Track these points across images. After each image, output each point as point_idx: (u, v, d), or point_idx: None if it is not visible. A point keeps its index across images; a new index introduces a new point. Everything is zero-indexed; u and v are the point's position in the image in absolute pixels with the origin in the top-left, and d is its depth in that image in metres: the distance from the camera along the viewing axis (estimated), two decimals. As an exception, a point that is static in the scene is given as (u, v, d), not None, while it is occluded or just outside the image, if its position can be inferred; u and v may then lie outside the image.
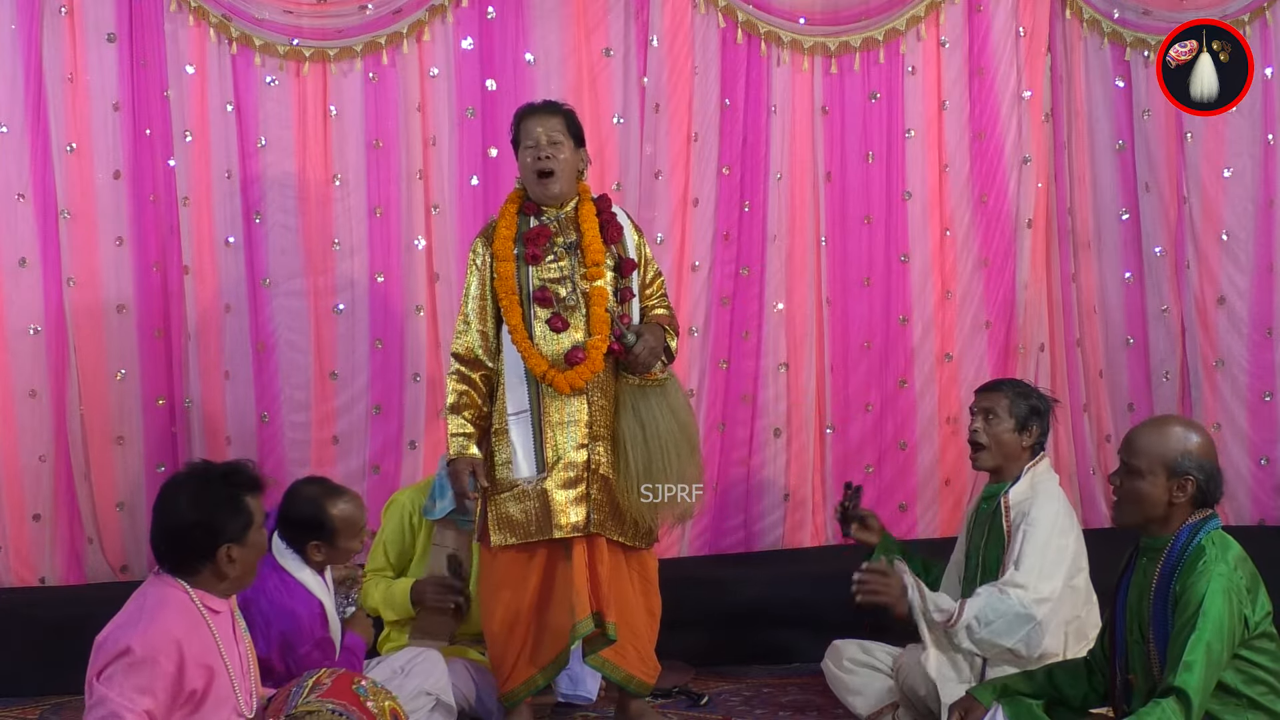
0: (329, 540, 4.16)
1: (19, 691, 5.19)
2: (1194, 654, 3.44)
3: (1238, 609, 3.51)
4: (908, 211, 6.26)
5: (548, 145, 4.51)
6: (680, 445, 4.52)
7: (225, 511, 3.36)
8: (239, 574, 3.41)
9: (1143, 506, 3.66)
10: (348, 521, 4.18)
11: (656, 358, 4.52)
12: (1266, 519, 6.33)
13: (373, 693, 3.54)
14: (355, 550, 4.25)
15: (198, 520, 3.35)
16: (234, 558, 3.37)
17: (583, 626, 4.45)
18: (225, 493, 3.38)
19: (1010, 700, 3.95)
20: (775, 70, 6.13)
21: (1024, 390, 4.60)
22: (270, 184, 5.84)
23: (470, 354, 4.55)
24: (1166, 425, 3.75)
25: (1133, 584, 3.74)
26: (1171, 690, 3.43)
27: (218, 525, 3.35)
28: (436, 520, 4.82)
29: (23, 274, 5.69)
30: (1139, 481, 3.65)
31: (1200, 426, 3.87)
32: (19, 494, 5.70)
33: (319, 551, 4.16)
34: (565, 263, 4.54)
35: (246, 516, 3.38)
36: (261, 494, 3.47)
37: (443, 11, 5.88)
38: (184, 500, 3.38)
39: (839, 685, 4.65)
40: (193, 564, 3.36)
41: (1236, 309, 6.32)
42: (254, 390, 5.85)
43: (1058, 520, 4.36)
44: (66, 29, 5.65)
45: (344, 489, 4.32)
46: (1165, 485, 3.62)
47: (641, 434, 4.48)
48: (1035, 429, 4.51)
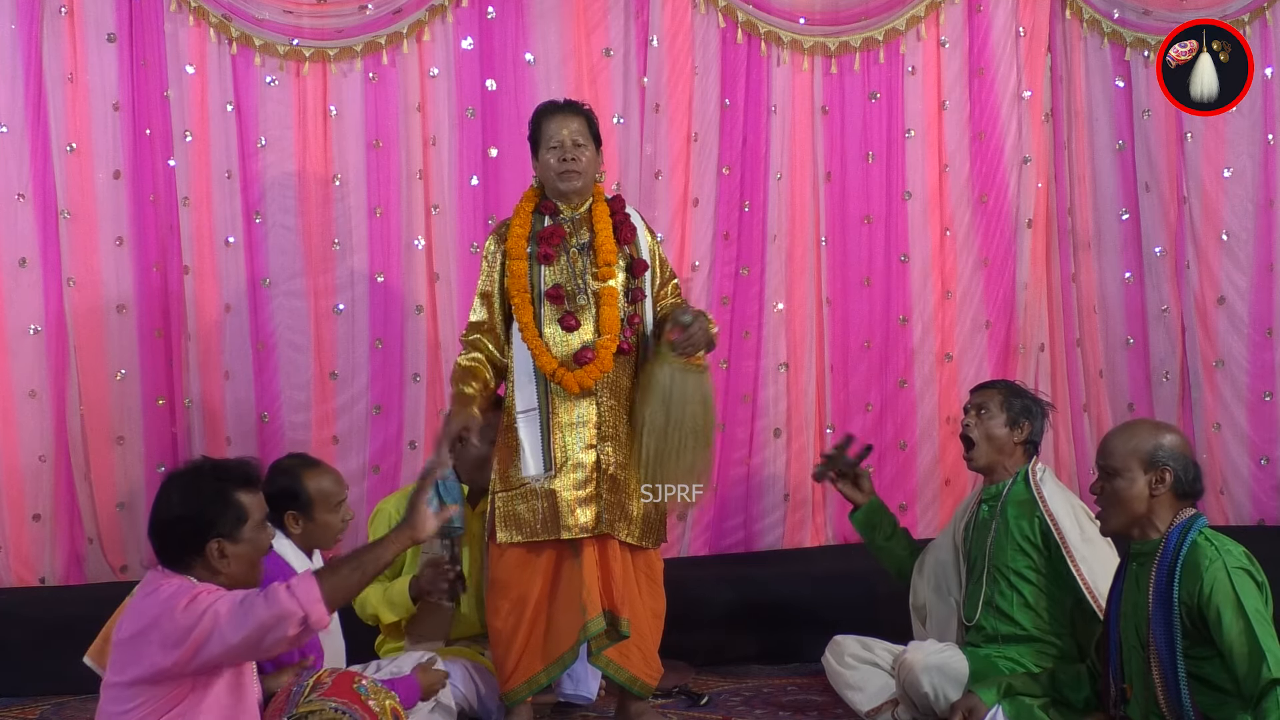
0: (305, 512, 4.17)
1: (19, 691, 5.18)
2: (1267, 643, 3.47)
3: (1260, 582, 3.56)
4: (908, 211, 6.26)
5: (572, 147, 4.53)
6: (700, 438, 4.51)
7: (214, 506, 3.36)
8: (235, 571, 3.39)
9: (1126, 506, 3.68)
10: (323, 493, 4.20)
11: (706, 339, 4.52)
12: (1266, 519, 6.33)
13: (373, 691, 3.55)
14: (335, 529, 4.25)
15: (185, 514, 3.36)
16: (226, 554, 3.36)
17: (594, 625, 4.45)
18: (214, 487, 3.38)
19: (1012, 700, 3.96)
20: (775, 70, 6.13)
21: (1018, 390, 4.68)
22: (270, 184, 5.83)
23: (490, 327, 4.59)
24: (1135, 424, 3.87)
25: (1125, 592, 3.74)
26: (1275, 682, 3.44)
27: (206, 519, 3.35)
28: None
29: (23, 274, 5.69)
30: (1117, 481, 3.67)
31: (1173, 426, 3.92)
32: (19, 494, 5.70)
33: (296, 523, 4.17)
34: (578, 263, 4.55)
35: (238, 512, 3.37)
36: (259, 492, 3.46)
37: (443, 11, 5.88)
38: (175, 494, 3.40)
39: (839, 681, 4.65)
40: (184, 559, 3.36)
41: (1236, 309, 6.32)
42: (254, 390, 5.85)
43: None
44: (66, 29, 5.65)
45: (323, 463, 4.37)
46: (1143, 480, 3.65)
47: (665, 420, 4.44)
48: (1027, 425, 4.58)
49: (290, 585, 3.27)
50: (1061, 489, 4.59)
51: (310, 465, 4.30)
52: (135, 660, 3.28)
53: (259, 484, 3.48)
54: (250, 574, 3.44)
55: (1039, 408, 4.65)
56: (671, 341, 4.48)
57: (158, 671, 3.26)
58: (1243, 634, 3.49)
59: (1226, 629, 3.50)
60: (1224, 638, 3.50)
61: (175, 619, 3.23)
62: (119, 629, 3.38)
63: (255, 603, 3.25)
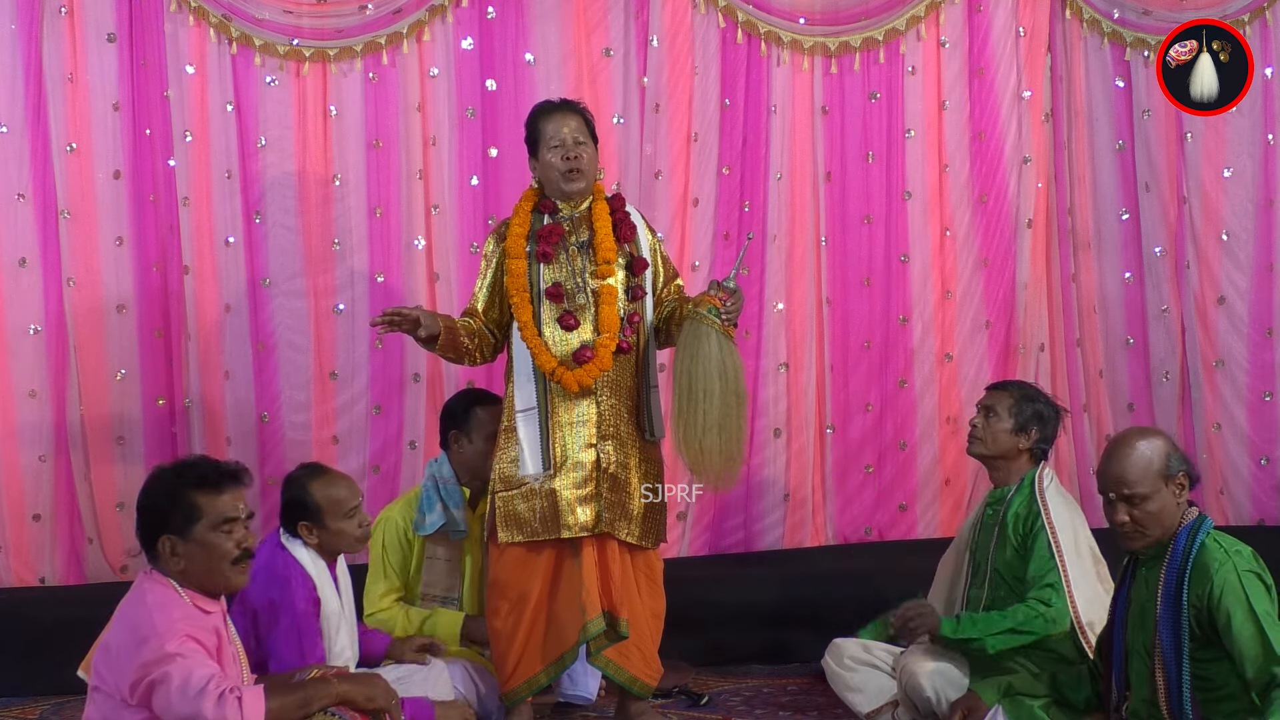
0: (317, 520, 4.17)
1: (19, 691, 5.18)
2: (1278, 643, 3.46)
3: (1268, 584, 3.55)
4: (908, 211, 6.26)
5: (574, 145, 4.54)
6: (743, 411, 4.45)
7: (165, 503, 3.39)
8: (190, 568, 3.39)
9: (1161, 523, 3.65)
10: (332, 500, 4.19)
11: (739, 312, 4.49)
12: (1266, 519, 6.33)
13: (369, 694, 3.55)
14: (353, 535, 4.24)
15: (141, 507, 3.43)
16: (178, 551, 3.37)
17: (594, 625, 4.45)
18: (168, 485, 3.42)
19: (1012, 700, 3.95)
20: (775, 70, 6.13)
21: (1031, 394, 4.59)
22: (270, 184, 5.83)
23: (484, 311, 4.60)
24: (1133, 445, 3.70)
25: (1133, 597, 3.73)
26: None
27: (158, 516, 3.39)
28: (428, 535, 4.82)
29: (23, 274, 5.69)
30: (1148, 505, 3.63)
31: (1152, 428, 3.91)
32: (19, 494, 5.70)
33: (310, 533, 4.18)
34: (578, 261, 4.55)
35: (188, 511, 3.38)
36: (227, 494, 3.44)
37: (443, 11, 5.88)
38: (144, 487, 3.47)
39: (839, 683, 4.64)
40: (148, 550, 3.42)
41: (1236, 309, 6.32)
42: (254, 390, 5.85)
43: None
44: (66, 29, 5.65)
45: (333, 471, 4.36)
46: (1168, 494, 3.64)
47: (721, 388, 4.37)
48: (1035, 432, 4.50)
49: (242, 697, 3.26)
50: (1066, 499, 4.50)
51: (318, 474, 4.28)
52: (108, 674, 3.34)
53: (228, 486, 3.45)
54: (210, 577, 3.42)
55: (1052, 412, 4.56)
56: (716, 306, 4.41)
57: (122, 691, 3.30)
58: (1254, 637, 3.48)
59: (1237, 631, 3.49)
60: (1234, 640, 3.50)
61: (140, 650, 3.26)
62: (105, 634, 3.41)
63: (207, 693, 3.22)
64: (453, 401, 5.04)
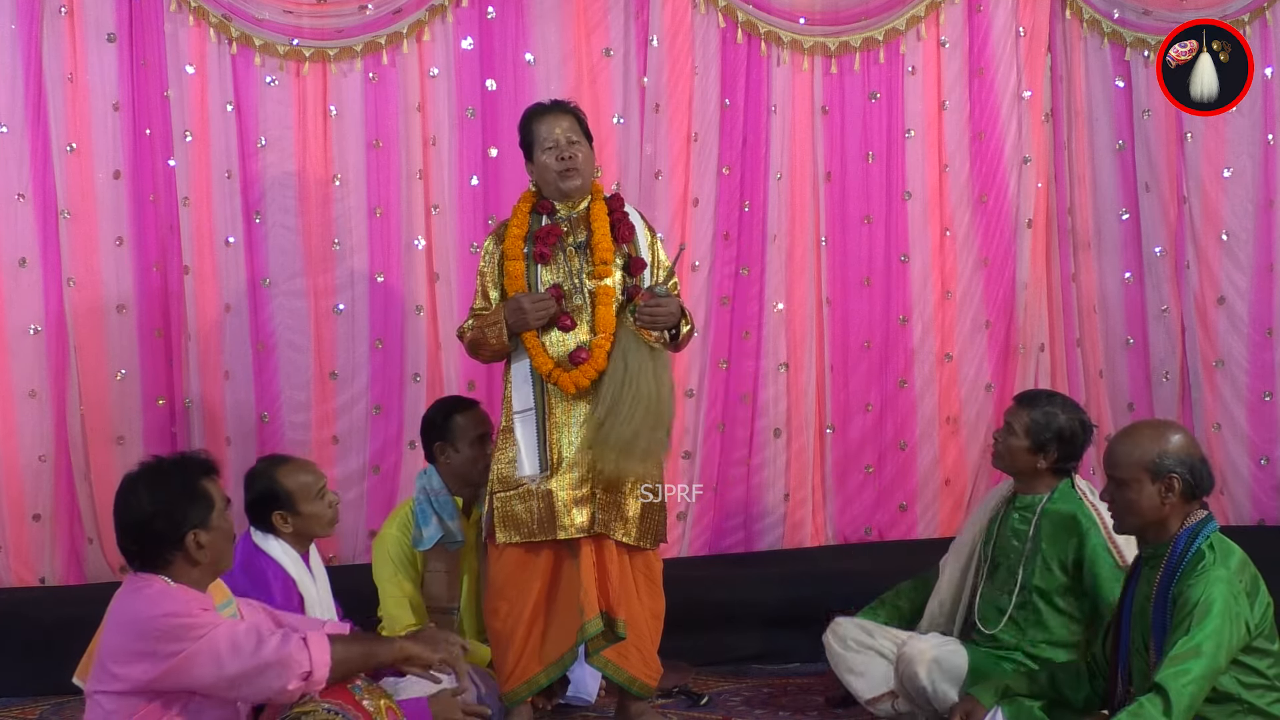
0: (289, 508, 4.17)
1: (19, 691, 5.18)
2: (1184, 649, 3.42)
3: (1237, 612, 3.48)
4: (908, 211, 6.26)
5: (568, 145, 4.53)
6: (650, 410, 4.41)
7: (184, 498, 3.37)
8: (211, 559, 3.40)
9: (1139, 514, 3.65)
10: (301, 485, 4.19)
11: (669, 318, 4.47)
12: (1266, 519, 6.33)
13: (368, 691, 3.53)
14: (326, 516, 4.23)
15: (158, 510, 3.35)
16: (202, 543, 3.37)
17: (591, 626, 4.44)
18: (180, 479, 3.40)
19: (1011, 701, 3.95)
20: (775, 70, 6.13)
21: (1053, 412, 4.40)
22: (270, 184, 5.84)
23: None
24: (1139, 430, 3.73)
25: (1137, 594, 3.73)
26: (1154, 687, 3.41)
27: (180, 513, 3.36)
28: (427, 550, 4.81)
29: (23, 274, 5.69)
30: (1126, 492, 3.64)
31: (1176, 424, 3.87)
32: (19, 494, 5.70)
33: (285, 522, 4.18)
34: (575, 262, 4.54)
35: (206, 500, 3.39)
36: (217, 477, 3.47)
37: (443, 11, 5.89)
38: (143, 494, 3.39)
39: (840, 663, 4.55)
40: (163, 555, 3.36)
41: (1236, 309, 6.32)
42: (254, 390, 5.85)
43: None
44: (66, 29, 5.65)
45: (294, 457, 4.39)
46: (1152, 489, 3.62)
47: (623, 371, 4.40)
48: (1054, 452, 4.37)
49: (307, 638, 3.28)
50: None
51: (281, 462, 4.31)
52: (116, 672, 3.28)
53: (216, 470, 3.48)
54: (223, 560, 3.45)
55: (1078, 430, 4.39)
56: (636, 304, 4.46)
57: (137, 686, 3.26)
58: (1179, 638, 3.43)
59: (1175, 625, 3.48)
60: (1171, 630, 3.49)
61: (162, 634, 3.23)
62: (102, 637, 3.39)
63: (266, 639, 3.24)
64: (430, 413, 5.00)
